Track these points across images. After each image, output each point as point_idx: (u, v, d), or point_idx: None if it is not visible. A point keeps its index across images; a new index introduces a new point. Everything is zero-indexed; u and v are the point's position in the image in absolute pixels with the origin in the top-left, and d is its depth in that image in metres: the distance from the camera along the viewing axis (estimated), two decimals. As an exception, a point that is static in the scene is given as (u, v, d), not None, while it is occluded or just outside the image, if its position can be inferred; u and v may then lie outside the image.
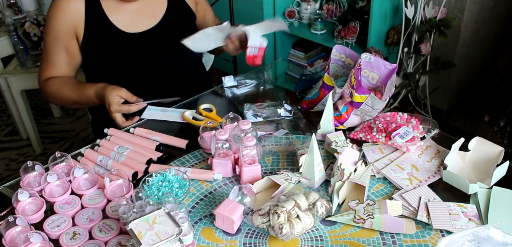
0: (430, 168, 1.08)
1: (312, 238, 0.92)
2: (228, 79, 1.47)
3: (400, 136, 1.09)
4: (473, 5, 2.51)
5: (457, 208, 0.95)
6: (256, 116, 1.28)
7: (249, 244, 0.92)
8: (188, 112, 1.32)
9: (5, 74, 2.44)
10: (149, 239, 0.76)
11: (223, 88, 1.46)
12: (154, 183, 1.02)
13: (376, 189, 1.04)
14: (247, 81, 1.47)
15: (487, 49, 2.89)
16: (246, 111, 1.29)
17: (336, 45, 1.30)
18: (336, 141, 1.13)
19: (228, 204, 0.94)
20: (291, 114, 1.29)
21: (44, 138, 2.84)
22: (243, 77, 1.48)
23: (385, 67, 1.23)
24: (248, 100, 1.39)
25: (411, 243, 0.90)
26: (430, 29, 2.36)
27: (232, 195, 0.97)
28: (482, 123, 2.79)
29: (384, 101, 1.19)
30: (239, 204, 0.93)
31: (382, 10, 2.46)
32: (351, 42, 2.63)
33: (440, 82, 2.66)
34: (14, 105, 2.56)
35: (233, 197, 0.96)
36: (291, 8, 2.91)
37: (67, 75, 1.41)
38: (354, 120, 1.22)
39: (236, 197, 0.96)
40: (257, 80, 1.49)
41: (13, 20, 2.43)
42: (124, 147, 1.17)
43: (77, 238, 0.92)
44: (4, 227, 0.91)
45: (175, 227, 0.78)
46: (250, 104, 1.33)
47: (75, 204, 1.00)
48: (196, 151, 1.18)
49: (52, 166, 1.09)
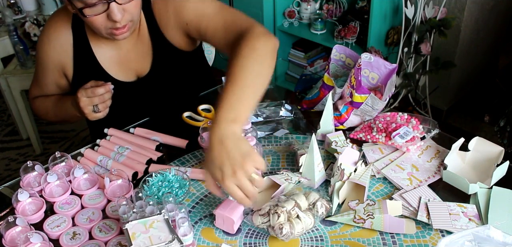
0: (430, 168, 1.08)
1: (312, 238, 0.92)
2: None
3: (400, 136, 1.09)
4: (473, 5, 2.51)
5: (457, 208, 0.95)
6: (256, 116, 1.28)
7: (249, 244, 0.92)
8: (186, 113, 1.32)
9: (5, 74, 2.44)
10: (140, 242, 0.76)
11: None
12: (154, 183, 1.02)
13: (376, 189, 1.04)
14: None
15: (487, 49, 2.89)
16: None
17: (336, 45, 1.30)
18: (336, 141, 1.13)
19: (228, 204, 0.94)
20: (291, 114, 1.29)
21: (44, 138, 2.84)
22: None
23: (385, 67, 1.23)
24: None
25: (411, 243, 0.90)
26: (430, 29, 2.36)
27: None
28: (482, 123, 2.78)
29: (384, 101, 1.19)
30: (239, 204, 0.93)
31: (382, 10, 2.46)
32: (351, 42, 2.63)
33: (440, 82, 2.66)
34: (14, 105, 2.56)
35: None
36: (291, 8, 2.91)
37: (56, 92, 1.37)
38: (354, 120, 1.22)
39: None
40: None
41: (13, 20, 2.43)
42: (124, 147, 1.17)
43: (77, 238, 0.92)
44: (4, 227, 0.91)
45: (169, 234, 0.78)
46: None
47: (75, 204, 1.00)
48: (196, 151, 1.18)
49: (52, 166, 1.09)
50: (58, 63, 1.29)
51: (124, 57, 1.31)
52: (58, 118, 1.37)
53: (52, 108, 1.34)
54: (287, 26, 2.89)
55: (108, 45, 1.29)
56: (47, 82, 1.35)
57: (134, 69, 1.33)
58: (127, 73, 1.32)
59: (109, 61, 1.30)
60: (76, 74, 1.29)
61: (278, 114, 1.29)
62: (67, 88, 1.36)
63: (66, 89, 1.36)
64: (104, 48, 1.29)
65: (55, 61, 1.28)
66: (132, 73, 1.33)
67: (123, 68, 1.31)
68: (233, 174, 0.85)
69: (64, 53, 1.27)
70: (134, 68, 1.32)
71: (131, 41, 1.29)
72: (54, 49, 1.27)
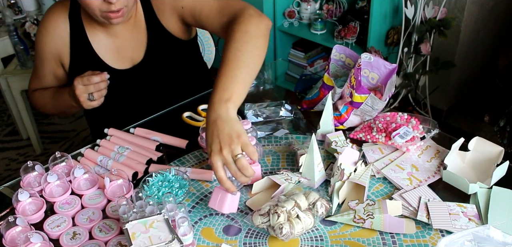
0: (430, 168, 1.08)
1: (312, 238, 0.92)
2: None
3: (400, 136, 1.09)
4: (473, 5, 2.51)
5: (457, 208, 0.95)
6: (257, 116, 1.28)
7: (249, 244, 0.92)
8: (186, 113, 1.32)
9: (5, 74, 2.44)
10: (140, 242, 0.76)
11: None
12: (154, 183, 1.02)
13: (376, 189, 1.04)
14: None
15: (487, 49, 2.89)
16: (247, 111, 1.29)
17: (336, 45, 1.30)
18: (336, 141, 1.13)
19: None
20: (291, 115, 1.29)
21: (44, 138, 2.84)
22: None
23: (385, 67, 1.23)
24: (249, 100, 1.39)
25: (411, 243, 0.90)
26: (430, 29, 2.36)
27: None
28: (482, 123, 2.79)
29: (384, 101, 1.19)
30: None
31: (382, 10, 2.46)
32: (351, 42, 2.63)
33: (440, 82, 2.66)
34: (14, 105, 2.56)
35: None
36: (291, 8, 2.91)
37: (55, 84, 1.39)
38: (354, 120, 1.22)
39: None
40: (257, 80, 1.49)
41: (13, 20, 2.43)
42: (124, 147, 1.17)
43: (77, 238, 0.92)
44: (4, 227, 0.91)
45: (169, 234, 0.78)
46: (250, 104, 1.33)
47: (75, 204, 1.00)
48: (196, 151, 1.18)
49: (52, 166, 1.09)
50: (55, 53, 1.31)
51: (120, 45, 1.33)
52: (56, 109, 1.38)
53: (50, 100, 1.36)
54: (287, 26, 2.89)
55: (104, 33, 1.31)
56: (45, 73, 1.37)
57: (129, 57, 1.34)
58: (123, 61, 1.34)
59: (105, 49, 1.32)
60: (73, 62, 1.32)
61: (278, 114, 1.29)
62: (64, 80, 1.38)
63: (63, 80, 1.38)
64: (100, 36, 1.31)
65: (53, 51, 1.31)
66: (128, 61, 1.34)
67: (119, 56, 1.33)
68: (220, 151, 0.88)
69: (61, 42, 1.30)
70: (130, 55, 1.34)
71: (127, 29, 1.31)
72: (51, 39, 1.30)
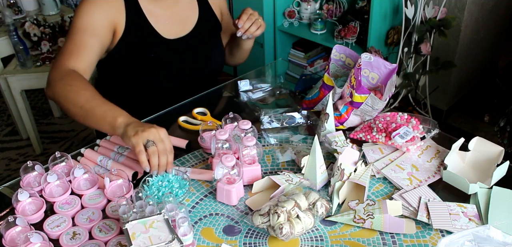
0: (430, 168, 1.08)
1: (312, 238, 0.92)
2: (244, 83, 1.47)
3: (400, 136, 1.09)
4: (473, 5, 2.51)
5: (457, 208, 0.95)
6: (272, 122, 1.27)
7: (249, 244, 0.92)
8: (182, 118, 1.31)
9: (5, 74, 2.44)
10: (140, 242, 0.76)
11: (239, 92, 1.45)
12: (154, 183, 1.02)
13: (376, 189, 1.04)
14: (262, 85, 1.47)
15: (487, 49, 2.89)
16: (263, 117, 1.28)
17: (336, 45, 1.30)
18: (336, 141, 1.13)
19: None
20: (308, 121, 1.28)
21: (44, 138, 2.84)
22: (257, 81, 1.48)
23: (385, 67, 1.23)
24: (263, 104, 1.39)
25: (411, 243, 0.90)
26: (430, 29, 2.36)
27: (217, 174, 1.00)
28: (482, 123, 2.79)
29: (384, 101, 1.19)
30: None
31: (382, 10, 2.46)
32: (351, 42, 2.63)
33: (440, 82, 2.66)
34: (14, 105, 2.56)
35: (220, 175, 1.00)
36: (291, 8, 2.91)
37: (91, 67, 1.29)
38: (354, 120, 1.22)
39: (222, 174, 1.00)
40: (272, 85, 1.48)
41: (13, 20, 2.43)
42: (124, 147, 1.17)
43: (77, 238, 0.92)
44: (4, 227, 0.91)
45: (169, 234, 0.78)
46: (266, 109, 1.32)
47: (75, 204, 1.00)
48: (196, 151, 1.18)
49: (52, 166, 1.09)
50: (112, 19, 1.32)
51: (172, 15, 1.42)
52: (83, 111, 1.13)
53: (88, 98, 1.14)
54: (287, 26, 2.89)
55: (157, 6, 1.39)
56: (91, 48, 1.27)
57: (180, 27, 1.43)
58: (173, 31, 1.42)
59: (156, 20, 1.39)
60: (127, 30, 1.35)
61: (294, 120, 1.28)
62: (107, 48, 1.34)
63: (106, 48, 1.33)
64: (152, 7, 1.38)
65: (109, 16, 1.32)
66: (177, 30, 1.43)
67: (169, 26, 1.41)
68: (136, 133, 1.01)
69: (117, 10, 1.33)
70: (181, 25, 1.43)
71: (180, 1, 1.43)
72: (104, 11, 1.31)
